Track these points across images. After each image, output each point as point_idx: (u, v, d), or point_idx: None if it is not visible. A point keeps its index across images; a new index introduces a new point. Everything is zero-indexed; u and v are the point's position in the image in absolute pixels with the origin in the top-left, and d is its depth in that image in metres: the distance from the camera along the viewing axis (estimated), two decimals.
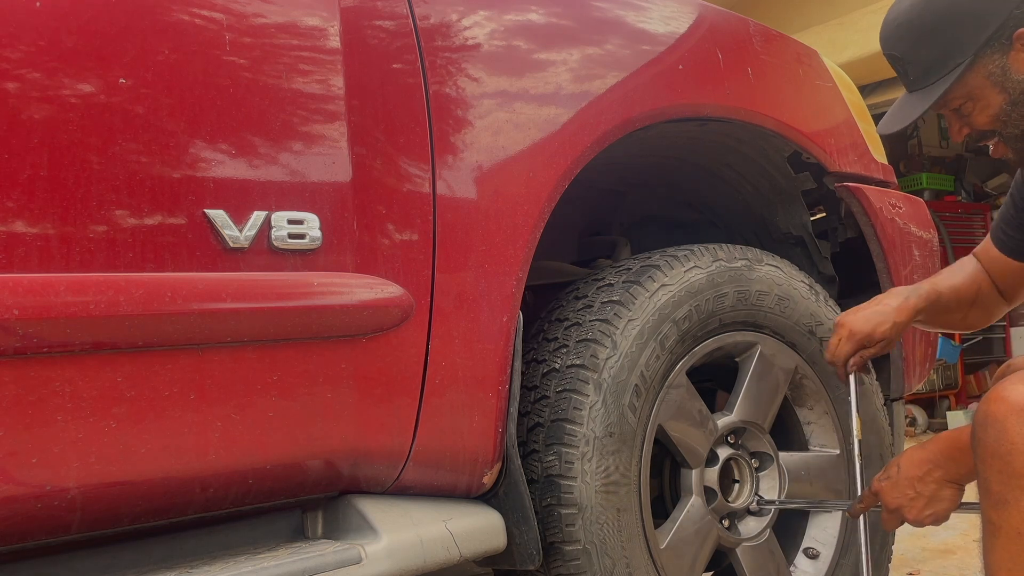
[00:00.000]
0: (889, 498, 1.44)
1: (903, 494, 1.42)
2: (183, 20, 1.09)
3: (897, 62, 1.43)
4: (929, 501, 1.41)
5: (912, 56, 1.39)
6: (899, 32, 1.41)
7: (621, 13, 1.54)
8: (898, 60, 1.43)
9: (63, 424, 0.97)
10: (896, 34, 1.42)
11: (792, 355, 1.67)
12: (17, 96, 0.97)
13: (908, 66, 1.41)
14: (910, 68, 1.41)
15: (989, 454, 1.22)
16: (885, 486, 1.45)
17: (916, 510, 1.42)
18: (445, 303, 1.25)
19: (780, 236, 1.93)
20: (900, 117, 1.44)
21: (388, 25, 1.25)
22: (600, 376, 1.40)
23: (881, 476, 1.47)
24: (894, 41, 1.43)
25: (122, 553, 1.11)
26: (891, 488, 1.44)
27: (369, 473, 1.23)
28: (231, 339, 1.07)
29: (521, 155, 1.34)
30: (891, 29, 1.43)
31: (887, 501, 1.44)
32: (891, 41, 1.43)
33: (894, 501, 1.43)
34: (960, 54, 1.34)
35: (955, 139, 1.47)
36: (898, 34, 1.41)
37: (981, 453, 1.23)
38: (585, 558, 1.36)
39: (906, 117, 1.42)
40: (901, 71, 1.43)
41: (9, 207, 0.96)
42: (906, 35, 1.40)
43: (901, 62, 1.42)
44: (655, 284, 1.49)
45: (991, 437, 1.21)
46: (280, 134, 1.14)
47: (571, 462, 1.37)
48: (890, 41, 1.43)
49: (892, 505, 1.44)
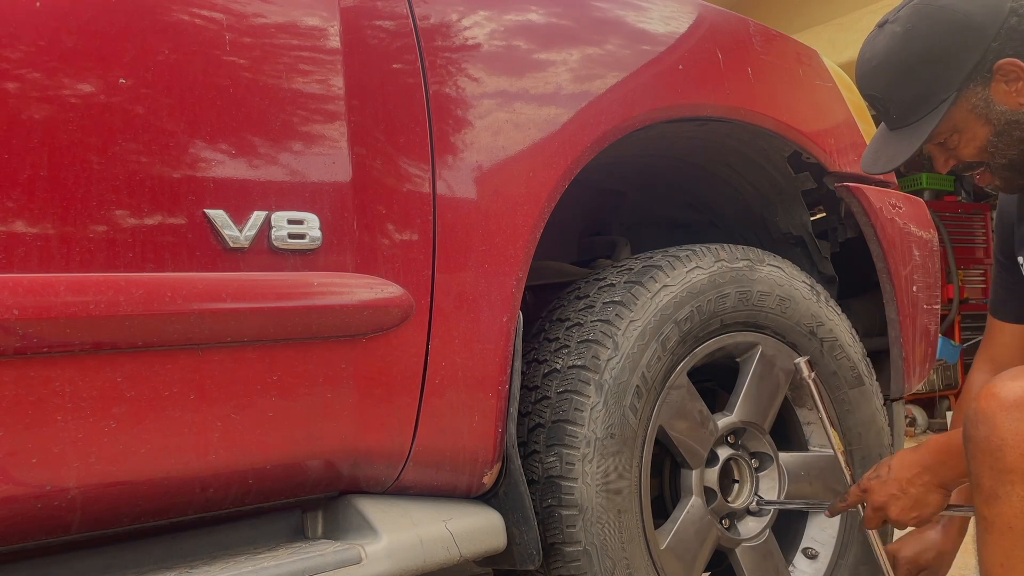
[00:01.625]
0: (876, 496, 1.47)
1: (889, 493, 1.45)
2: (183, 20, 1.09)
3: (877, 102, 1.42)
4: (915, 503, 1.44)
5: (893, 95, 1.39)
6: (877, 72, 1.40)
7: (621, 13, 1.54)
8: (878, 100, 1.42)
9: (63, 424, 0.97)
10: (873, 74, 1.41)
11: (793, 356, 1.67)
12: (17, 96, 0.97)
13: (889, 105, 1.40)
14: (891, 107, 1.40)
15: (980, 450, 1.23)
16: (874, 484, 1.48)
17: (900, 509, 1.45)
18: (445, 303, 1.25)
19: (780, 236, 1.93)
20: (888, 157, 1.42)
21: (388, 25, 1.25)
22: (601, 377, 1.40)
23: (871, 475, 1.50)
24: (872, 81, 1.42)
25: (122, 553, 1.11)
26: (879, 486, 1.47)
27: (369, 473, 1.23)
28: (231, 339, 1.07)
29: (521, 155, 1.34)
30: (868, 69, 1.41)
31: (873, 498, 1.48)
32: (869, 81, 1.42)
33: (880, 499, 1.46)
34: (943, 91, 1.34)
35: (940, 171, 1.47)
36: (876, 74, 1.40)
37: (972, 449, 1.25)
38: (585, 559, 1.35)
39: (894, 157, 1.41)
40: (882, 110, 1.42)
41: (9, 207, 0.96)
42: (884, 75, 1.39)
43: (881, 102, 1.41)
44: (657, 284, 1.49)
45: (982, 433, 1.23)
46: (280, 134, 1.14)
47: (572, 463, 1.37)
48: (868, 81, 1.42)
49: (877, 502, 1.47)
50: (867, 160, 1.48)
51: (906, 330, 1.89)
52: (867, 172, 1.50)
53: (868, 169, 1.48)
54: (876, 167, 1.46)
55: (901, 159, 1.39)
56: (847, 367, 1.72)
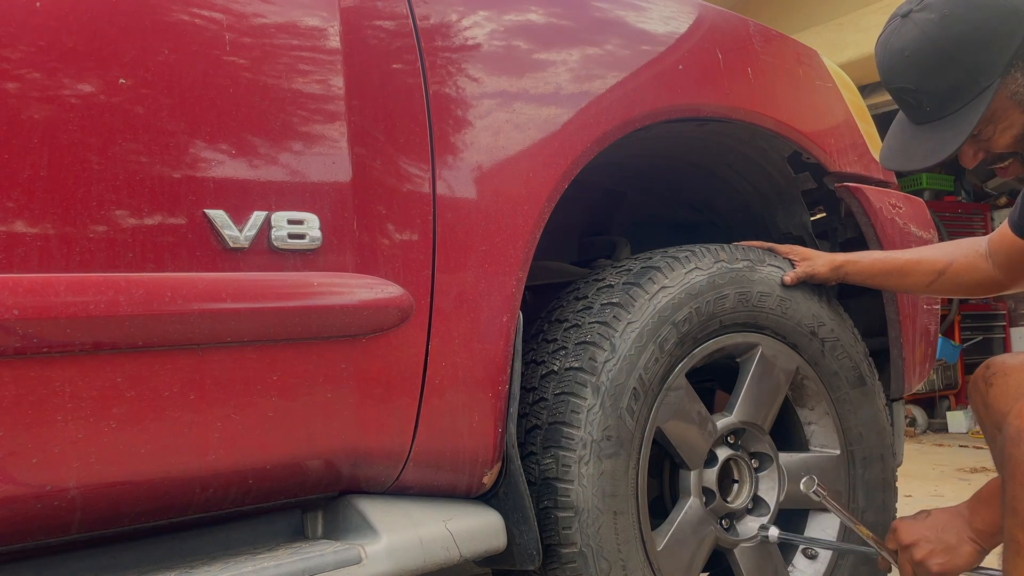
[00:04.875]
0: (906, 534, 1.44)
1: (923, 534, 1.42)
2: (183, 20, 1.09)
3: (909, 94, 1.34)
4: (945, 549, 1.40)
5: (928, 85, 1.31)
6: (910, 62, 1.32)
7: (621, 13, 1.54)
8: (910, 92, 1.34)
9: (63, 424, 0.97)
10: (906, 64, 1.32)
11: (794, 356, 1.67)
12: (17, 96, 0.97)
13: (922, 96, 1.33)
14: (924, 99, 1.32)
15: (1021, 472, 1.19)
16: (905, 524, 1.45)
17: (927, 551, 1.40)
18: (445, 303, 1.25)
19: (780, 236, 1.93)
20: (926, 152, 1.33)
21: (388, 25, 1.25)
22: (598, 379, 1.40)
23: (905, 518, 1.48)
24: (904, 72, 1.33)
25: (122, 553, 1.11)
26: (910, 526, 1.44)
27: (369, 473, 1.23)
28: (231, 339, 1.07)
29: (521, 155, 1.34)
30: (898, 60, 1.33)
31: (903, 536, 1.44)
32: (900, 73, 1.34)
33: (910, 538, 1.43)
34: (985, 78, 1.27)
35: (968, 165, 1.39)
36: (908, 64, 1.32)
37: (1012, 470, 1.21)
38: (581, 561, 1.35)
39: (934, 152, 1.32)
40: (913, 103, 1.35)
41: (9, 207, 0.96)
42: (919, 64, 1.31)
43: (914, 94, 1.33)
44: (655, 286, 1.49)
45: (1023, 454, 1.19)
46: (280, 134, 1.14)
47: (568, 465, 1.36)
48: (899, 73, 1.34)
49: (907, 541, 1.43)
50: (893, 157, 1.40)
51: (906, 330, 1.89)
52: (896, 169, 1.44)
53: (898, 167, 1.42)
54: (910, 163, 1.39)
55: (945, 153, 1.31)
56: (849, 367, 1.72)
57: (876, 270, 1.69)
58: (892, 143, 1.41)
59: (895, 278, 1.70)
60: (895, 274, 1.69)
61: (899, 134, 1.40)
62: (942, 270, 1.65)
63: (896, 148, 1.40)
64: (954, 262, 1.64)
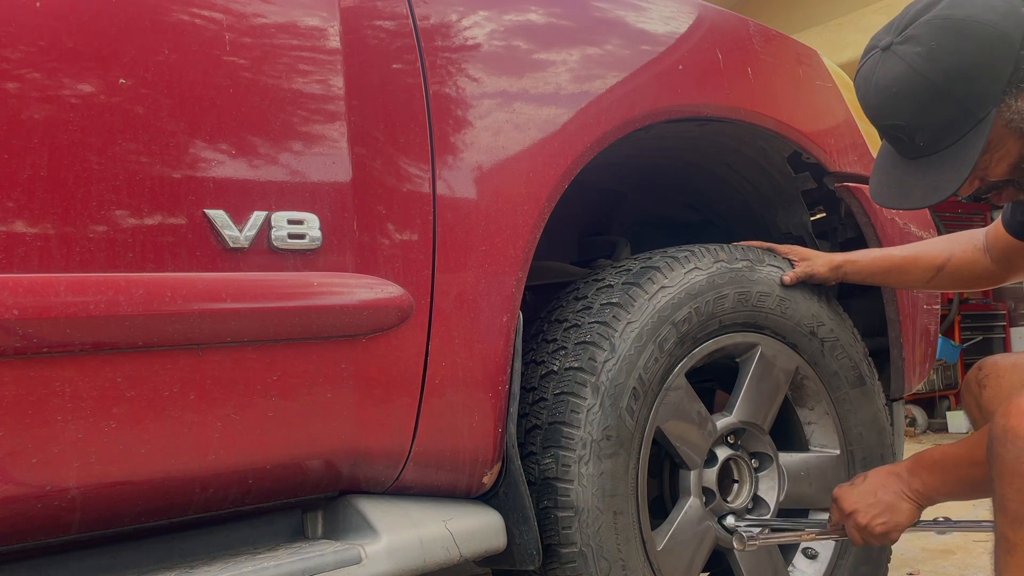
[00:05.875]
0: (846, 502, 1.47)
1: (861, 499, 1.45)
2: (183, 20, 1.09)
3: (901, 131, 1.28)
4: (885, 509, 1.43)
5: (922, 121, 1.25)
6: (899, 100, 1.25)
7: (621, 13, 1.54)
8: (902, 129, 1.28)
9: (63, 424, 0.97)
10: (894, 102, 1.26)
11: (793, 356, 1.67)
12: (17, 96, 0.97)
13: (916, 133, 1.27)
14: (918, 135, 1.27)
15: (1008, 471, 1.18)
16: (844, 491, 1.49)
17: (869, 515, 1.44)
18: (445, 303, 1.25)
19: (780, 236, 1.93)
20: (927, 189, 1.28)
21: (388, 25, 1.25)
22: (598, 379, 1.40)
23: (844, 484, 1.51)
24: (894, 110, 1.27)
25: (122, 553, 1.11)
26: (849, 492, 1.48)
27: (369, 473, 1.23)
28: (231, 339, 1.07)
29: (521, 155, 1.34)
30: (886, 97, 1.27)
31: (844, 504, 1.48)
32: (890, 110, 1.28)
33: (851, 505, 1.46)
34: (980, 108, 1.22)
35: (963, 195, 1.32)
36: (897, 101, 1.26)
37: (999, 469, 1.20)
38: (581, 561, 1.35)
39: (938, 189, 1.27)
40: (906, 139, 1.29)
41: (9, 207, 0.96)
42: (911, 100, 1.25)
43: (907, 130, 1.27)
44: (655, 286, 1.49)
45: (1012, 454, 1.18)
46: (280, 134, 1.14)
47: (568, 465, 1.36)
48: (888, 110, 1.28)
49: (848, 508, 1.47)
50: (891, 196, 1.34)
51: (906, 330, 1.89)
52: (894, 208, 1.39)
53: (896, 206, 1.37)
54: (910, 202, 1.33)
55: (948, 192, 1.26)
56: (848, 367, 1.72)
57: (875, 269, 1.70)
58: (884, 179, 1.35)
59: (894, 276, 1.71)
60: (894, 272, 1.70)
61: (890, 168, 1.34)
62: (941, 266, 1.65)
63: (891, 185, 1.34)
64: (953, 257, 1.65)
